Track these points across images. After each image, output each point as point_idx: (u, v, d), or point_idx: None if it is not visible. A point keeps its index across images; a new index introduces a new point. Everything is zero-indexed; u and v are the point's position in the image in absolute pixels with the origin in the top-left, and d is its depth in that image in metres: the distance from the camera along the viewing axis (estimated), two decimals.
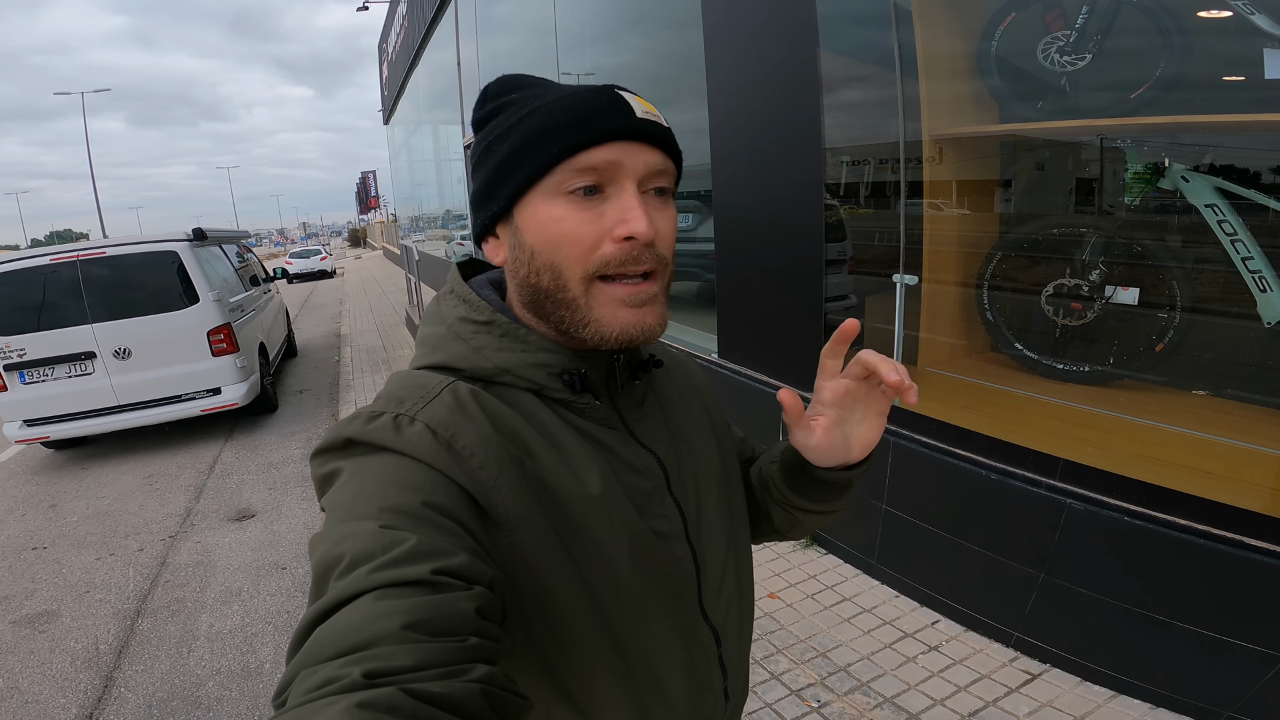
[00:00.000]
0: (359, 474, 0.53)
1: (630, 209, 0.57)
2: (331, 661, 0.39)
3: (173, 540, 3.95)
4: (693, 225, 5.19)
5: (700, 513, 0.70)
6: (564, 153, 0.56)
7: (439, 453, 0.53)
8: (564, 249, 0.58)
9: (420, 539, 0.46)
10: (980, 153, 2.78)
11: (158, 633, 3.03)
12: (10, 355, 4.96)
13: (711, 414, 0.79)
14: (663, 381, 0.75)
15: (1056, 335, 2.58)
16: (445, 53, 10.36)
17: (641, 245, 0.57)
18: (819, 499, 0.73)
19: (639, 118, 0.58)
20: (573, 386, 0.62)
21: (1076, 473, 1.98)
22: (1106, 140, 2.46)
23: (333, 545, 0.47)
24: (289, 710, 0.37)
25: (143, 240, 5.37)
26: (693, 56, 4.63)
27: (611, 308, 0.58)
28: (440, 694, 0.38)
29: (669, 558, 0.65)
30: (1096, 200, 2.61)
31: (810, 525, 0.80)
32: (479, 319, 0.63)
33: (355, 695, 0.36)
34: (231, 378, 5.51)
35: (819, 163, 2.68)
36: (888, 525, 2.61)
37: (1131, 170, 2.36)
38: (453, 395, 0.57)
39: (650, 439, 0.68)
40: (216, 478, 4.91)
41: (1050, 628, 2.12)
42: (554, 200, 0.57)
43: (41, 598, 3.43)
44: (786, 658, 2.37)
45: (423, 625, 0.41)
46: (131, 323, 5.16)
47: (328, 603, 0.43)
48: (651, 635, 0.63)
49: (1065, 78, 2.36)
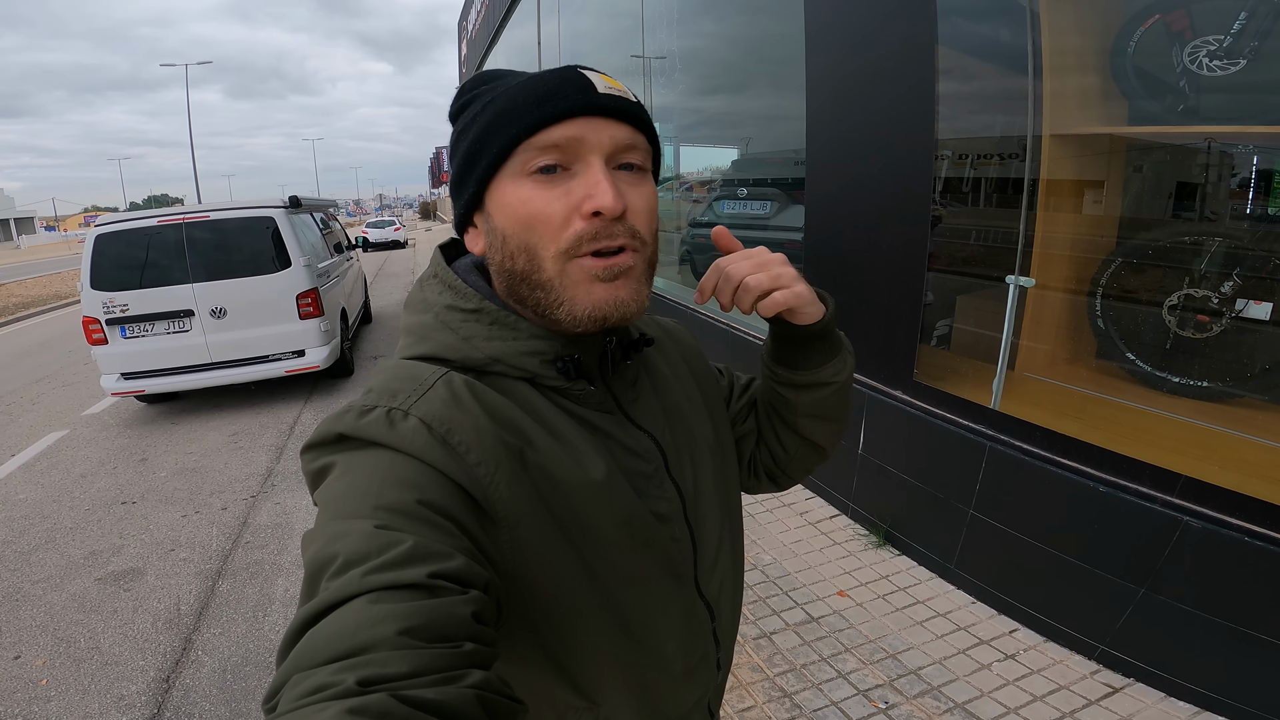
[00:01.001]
0: (352, 470, 0.51)
1: (596, 183, 0.55)
2: (325, 666, 0.38)
3: (254, 500, 4.05)
4: (770, 213, 5.09)
5: (698, 491, 0.70)
6: (524, 132, 0.56)
7: (434, 448, 0.52)
8: (534, 229, 0.57)
9: (417, 540, 0.45)
10: (1103, 153, 2.61)
11: (236, 595, 3.07)
12: (114, 310, 5.18)
13: (704, 385, 0.79)
14: (654, 358, 0.74)
15: (1176, 347, 2.41)
16: (525, 30, 10.44)
17: (611, 220, 0.56)
18: (798, 363, 0.74)
19: (601, 93, 0.57)
20: (567, 373, 0.61)
21: (1198, 490, 1.87)
22: (1254, 147, 2.28)
23: (326, 544, 0.46)
24: (280, 715, 0.36)
25: (243, 205, 5.55)
26: (771, 42, 4.55)
27: (585, 285, 0.57)
28: (434, 700, 0.37)
29: (669, 538, 0.65)
30: (1225, 209, 2.43)
31: (810, 408, 0.77)
32: (466, 307, 0.61)
33: (347, 702, 0.35)
34: (315, 340, 5.67)
35: (929, 158, 2.57)
36: (972, 530, 2.52)
37: (1279, 179, 2.18)
38: (447, 388, 0.56)
39: (646, 420, 0.68)
40: (296, 439, 5.07)
41: (1141, 642, 2.04)
42: (520, 182, 0.57)
43: (129, 554, 3.49)
44: (855, 657, 2.32)
45: (418, 631, 0.40)
46: (228, 284, 5.34)
47: (321, 604, 0.42)
48: (653, 615, 0.63)
49: (1216, 82, 2.20)
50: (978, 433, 2.48)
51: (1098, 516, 2.09)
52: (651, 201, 0.61)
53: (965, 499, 2.51)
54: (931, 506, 2.70)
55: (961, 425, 2.55)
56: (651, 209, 0.60)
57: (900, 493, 2.85)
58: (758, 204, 5.12)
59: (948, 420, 2.61)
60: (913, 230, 2.66)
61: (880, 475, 2.94)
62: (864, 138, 2.91)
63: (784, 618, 2.55)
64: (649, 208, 0.60)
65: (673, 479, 0.67)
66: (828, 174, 3.18)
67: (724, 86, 5.71)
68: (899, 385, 2.81)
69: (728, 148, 6.02)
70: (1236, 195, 2.39)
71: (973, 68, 2.76)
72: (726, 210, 5.54)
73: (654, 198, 0.61)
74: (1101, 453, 2.08)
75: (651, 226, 0.61)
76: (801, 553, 2.98)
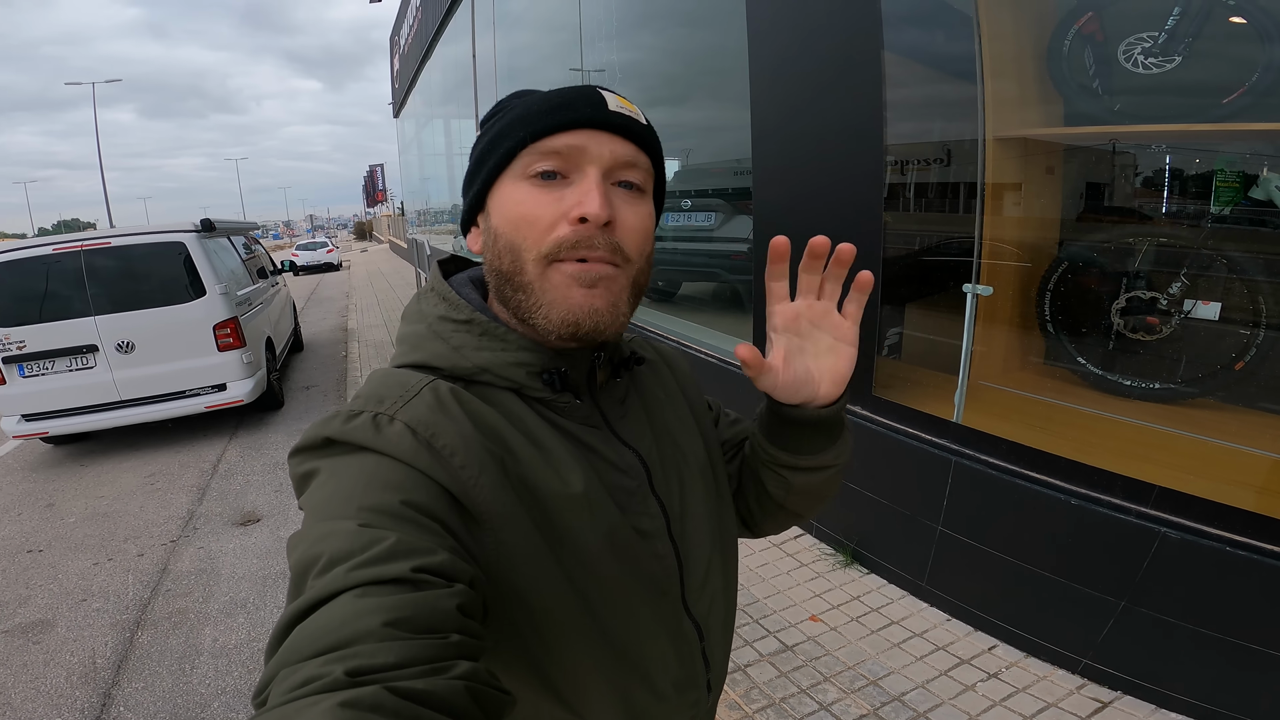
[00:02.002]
0: (337, 473, 0.52)
1: (587, 191, 0.56)
2: (312, 660, 0.38)
3: (174, 545, 3.79)
4: (715, 224, 5.04)
5: (684, 510, 0.69)
6: (530, 137, 0.57)
7: (419, 452, 0.53)
8: (522, 229, 0.58)
9: (400, 537, 0.46)
10: (1045, 155, 2.62)
11: (159, 646, 2.87)
12: (9, 347, 4.83)
13: (695, 408, 0.79)
14: (646, 377, 0.75)
15: (1126, 350, 2.42)
16: (460, 47, 10.25)
17: (596, 229, 0.56)
18: (800, 448, 0.70)
19: (610, 110, 0.58)
20: (552, 385, 0.61)
21: (1173, 500, 1.84)
22: (1193, 147, 2.30)
23: (311, 545, 0.47)
24: (270, 710, 0.36)
25: (149, 231, 5.24)
26: (710, 54, 4.53)
27: (563, 288, 0.57)
28: (424, 691, 0.38)
29: (651, 555, 0.65)
30: (1169, 210, 2.45)
31: (803, 489, 0.74)
32: (458, 318, 0.62)
33: (338, 694, 0.35)
34: (237, 373, 5.36)
35: (879, 165, 2.52)
36: (942, 546, 2.46)
37: (1220, 178, 2.20)
38: (433, 394, 0.57)
39: (633, 437, 0.68)
40: (220, 478, 4.75)
41: (1126, 655, 2.00)
42: (519, 183, 0.58)
43: (36, 605, 3.27)
44: (835, 686, 2.22)
45: (404, 623, 0.41)
46: (135, 315, 5.02)
47: (307, 601, 0.42)
48: (636, 631, 0.63)
49: (1151, 80, 2.21)
50: (942, 447, 2.42)
51: (1071, 530, 2.04)
52: (643, 222, 0.61)
53: (933, 515, 2.45)
54: (899, 523, 2.63)
55: (925, 440, 2.49)
56: (642, 229, 0.61)
57: (866, 510, 2.77)
58: (702, 215, 5.06)
59: (910, 435, 2.55)
60: (866, 237, 2.60)
61: (844, 493, 2.86)
62: (811, 144, 2.85)
63: (757, 648, 2.43)
64: (639, 227, 0.60)
65: (657, 496, 0.67)
66: (775, 182, 3.12)
67: (664, 99, 5.72)
68: (858, 400, 2.74)
69: (669, 159, 5.97)
70: (1179, 196, 2.41)
71: (917, 72, 2.74)
72: (671, 223, 5.46)
73: (648, 219, 0.62)
74: (1070, 464, 2.04)
75: (639, 245, 0.60)
76: (769, 576, 2.87)
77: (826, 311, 0.64)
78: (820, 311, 0.64)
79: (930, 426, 2.49)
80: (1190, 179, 2.38)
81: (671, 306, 5.54)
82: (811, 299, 0.64)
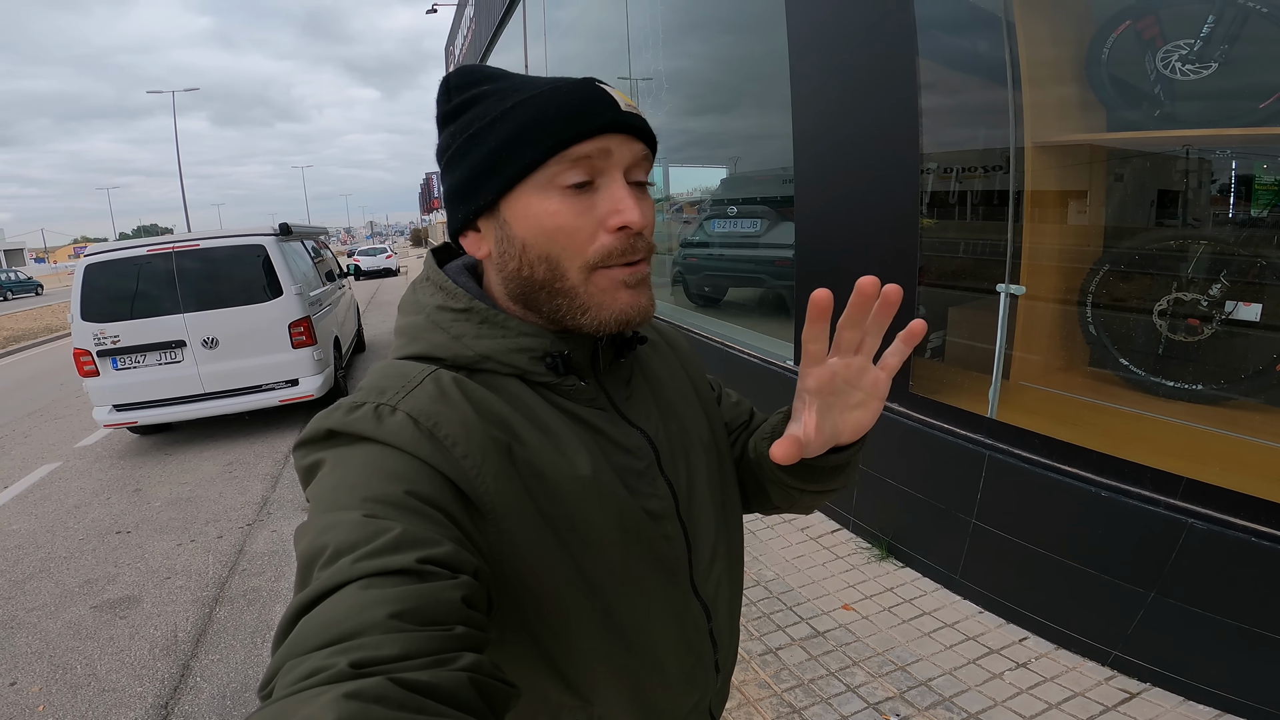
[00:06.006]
0: (341, 465, 0.53)
1: (622, 199, 0.57)
2: (318, 651, 0.39)
3: (250, 528, 4.03)
4: (761, 231, 5.12)
5: (691, 490, 0.70)
6: (558, 145, 0.56)
7: (421, 442, 0.53)
8: (559, 240, 0.58)
9: (405, 528, 0.46)
10: (1085, 162, 2.65)
11: (234, 622, 3.05)
12: (104, 341, 5.14)
13: (699, 387, 0.79)
14: (649, 357, 0.75)
15: (1168, 352, 2.43)
16: (512, 55, 10.53)
17: (635, 234, 0.58)
18: (813, 480, 0.70)
19: (624, 110, 0.59)
20: (556, 369, 0.62)
21: (1200, 492, 1.87)
22: (1232, 151, 2.32)
23: (317, 536, 0.47)
24: (275, 701, 0.36)
25: (233, 234, 5.53)
26: (756, 61, 4.59)
27: (611, 291, 0.59)
28: (428, 683, 0.38)
29: (660, 536, 0.65)
30: (1208, 213, 2.46)
31: (810, 503, 0.78)
32: (457, 306, 0.62)
33: (343, 685, 0.35)
34: (309, 370, 5.63)
35: (915, 171, 2.60)
36: (975, 540, 2.51)
37: (1259, 181, 2.22)
38: (435, 384, 0.57)
39: (639, 417, 0.68)
40: (291, 468, 5.01)
41: (1155, 646, 2.03)
42: (547, 193, 0.57)
43: (124, 582, 3.48)
44: (863, 670, 2.30)
45: (409, 614, 0.41)
46: (219, 313, 5.31)
47: (313, 593, 0.43)
48: (645, 614, 0.63)
49: (1189, 86, 2.24)
50: (976, 442, 2.48)
51: (1102, 521, 2.09)
52: (654, 213, 0.63)
53: (967, 509, 2.51)
54: (933, 517, 2.69)
55: (960, 435, 2.56)
56: (654, 221, 0.63)
57: (901, 505, 2.85)
58: (748, 222, 5.15)
59: (945, 431, 2.61)
60: (903, 243, 2.68)
61: (880, 488, 2.94)
62: (850, 152, 2.95)
63: (789, 633, 2.53)
64: (653, 220, 0.62)
65: (665, 477, 0.67)
66: (816, 190, 3.21)
67: (711, 106, 5.75)
68: (895, 398, 2.81)
69: (716, 167, 6.05)
70: (1218, 199, 2.42)
71: (953, 80, 2.80)
72: (717, 229, 5.56)
73: (654, 209, 0.63)
74: (1101, 458, 2.09)
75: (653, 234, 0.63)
76: (804, 568, 2.96)
77: (863, 369, 0.61)
78: (857, 370, 0.60)
79: (964, 422, 2.55)
80: (1230, 183, 2.39)
81: (718, 311, 5.64)
82: (850, 357, 0.60)
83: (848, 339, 0.59)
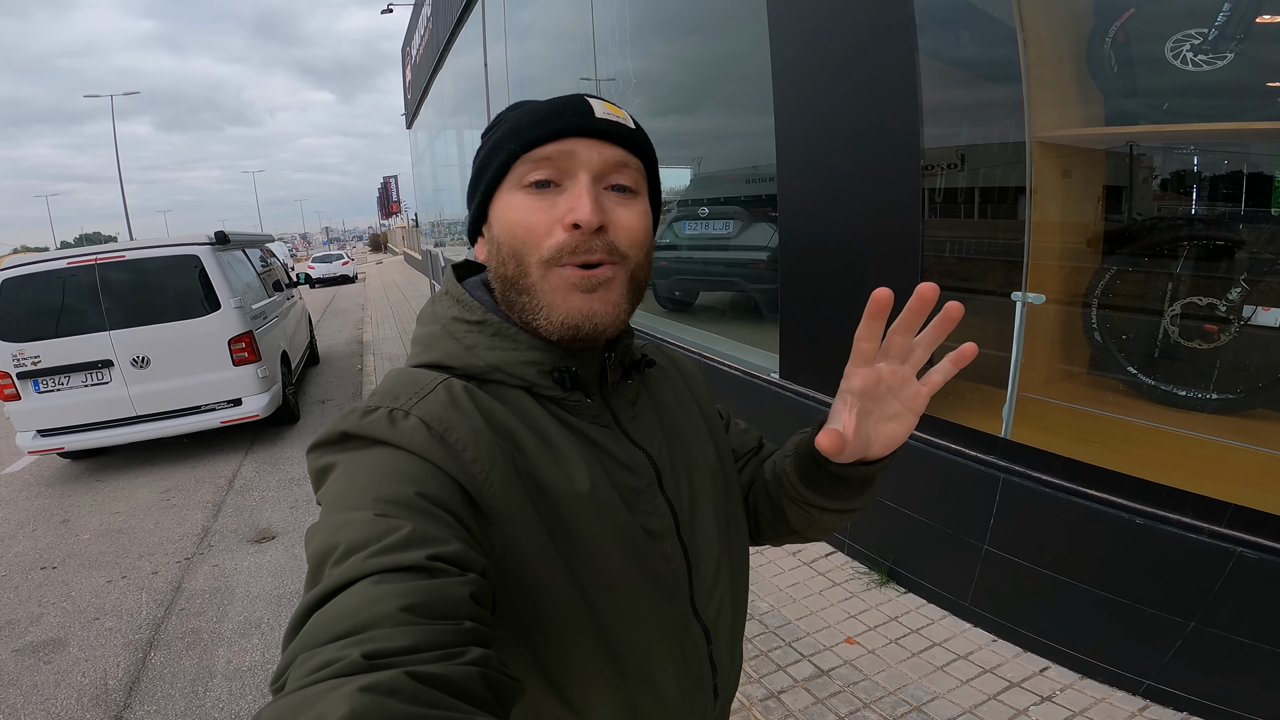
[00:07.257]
0: (354, 467, 0.53)
1: (578, 197, 0.58)
2: (330, 644, 0.39)
3: (189, 562, 3.74)
4: (734, 232, 4.94)
5: (694, 511, 0.70)
6: (522, 148, 0.60)
7: (432, 445, 0.54)
8: (519, 235, 0.60)
9: (415, 526, 0.47)
10: (1091, 157, 2.50)
11: (171, 668, 2.80)
12: (24, 363, 4.81)
13: (707, 413, 0.79)
14: (658, 381, 0.76)
15: (1182, 359, 2.29)
16: (472, 57, 10.25)
17: (589, 233, 0.58)
18: (837, 495, 0.69)
19: (598, 117, 0.60)
20: (563, 384, 0.63)
21: (1250, 519, 1.72)
22: (1249, 148, 2.18)
23: (329, 534, 0.47)
24: (290, 693, 0.36)
25: (163, 244, 5.20)
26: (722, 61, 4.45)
27: (563, 292, 0.59)
28: (440, 675, 0.38)
29: (659, 555, 0.65)
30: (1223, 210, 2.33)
31: (828, 524, 0.76)
32: (471, 318, 0.64)
33: (359, 679, 0.35)
34: (253, 388, 5.31)
35: (915, 171, 2.40)
36: (987, 565, 2.33)
37: (1279, 179, 2.08)
38: (447, 391, 0.58)
39: (643, 437, 0.69)
40: (235, 494, 4.70)
41: (1195, 676, 1.88)
42: (515, 193, 0.61)
43: (48, 623, 3.21)
44: (875, 713, 2.10)
45: (420, 608, 0.41)
46: (150, 330, 4.98)
47: (325, 589, 0.43)
48: (642, 632, 0.63)
49: (1201, 78, 2.09)
50: (989, 464, 2.29)
51: (1136, 550, 1.92)
52: (638, 219, 0.62)
53: (978, 534, 2.32)
54: (940, 542, 2.50)
55: (969, 456, 2.37)
56: (637, 226, 0.62)
57: (903, 528, 2.65)
58: (720, 224, 4.97)
59: (953, 452, 2.42)
60: (903, 247, 2.49)
61: (880, 509, 2.73)
62: (841, 148, 2.75)
63: (790, 673, 2.32)
64: (634, 225, 0.61)
65: (666, 496, 0.67)
66: (801, 188, 3.01)
67: (675, 107, 5.67)
68: None
69: (680, 168, 5.92)
70: (1237, 197, 2.29)
71: (954, 74, 2.63)
72: (687, 231, 5.37)
73: (643, 216, 0.63)
74: (1135, 482, 1.92)
75: (636, 242, 0.62)
76: (800, 597, 2.75)
77: (907, 380, 0.61)
78: (901, 379, 0.61)
79: (975, 442, 2.36)
80: (1248, 179, 2.26)
81: (689, 317, 5.44)
82: (897, 364, 0.60)
83: (899, 344, 0.60)
